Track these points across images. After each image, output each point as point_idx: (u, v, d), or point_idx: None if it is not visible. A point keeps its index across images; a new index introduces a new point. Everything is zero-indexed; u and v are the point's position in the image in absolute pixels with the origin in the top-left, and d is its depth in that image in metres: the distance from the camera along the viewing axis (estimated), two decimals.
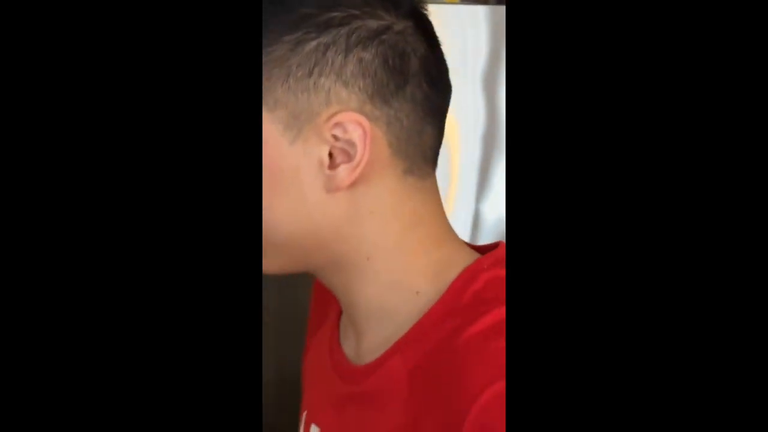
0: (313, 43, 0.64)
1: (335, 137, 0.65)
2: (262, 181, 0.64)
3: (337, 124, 0.65)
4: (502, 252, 0.71)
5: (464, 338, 0.63)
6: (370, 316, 0.71)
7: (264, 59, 0.64)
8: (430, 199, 0.71)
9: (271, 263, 0.69)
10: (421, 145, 0.69)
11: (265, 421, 2.07)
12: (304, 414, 0.81)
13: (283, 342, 2.09)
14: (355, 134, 0.65)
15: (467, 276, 0.68)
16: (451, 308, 0.67)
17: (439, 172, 0.73)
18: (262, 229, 0.66)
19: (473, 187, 1.89)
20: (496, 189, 1.88)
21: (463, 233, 1.83)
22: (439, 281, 0.68)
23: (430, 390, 0.64)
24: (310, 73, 0.64)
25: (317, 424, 0.78)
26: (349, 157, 0.65)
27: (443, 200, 0.73)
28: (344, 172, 0.66)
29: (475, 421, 0.59)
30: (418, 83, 0.67)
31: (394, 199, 0.68)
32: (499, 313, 0.63)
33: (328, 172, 0.66)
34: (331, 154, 0.66)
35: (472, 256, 0.71)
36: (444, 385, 0.63)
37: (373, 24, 0.66)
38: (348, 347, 0.76)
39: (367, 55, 0.65)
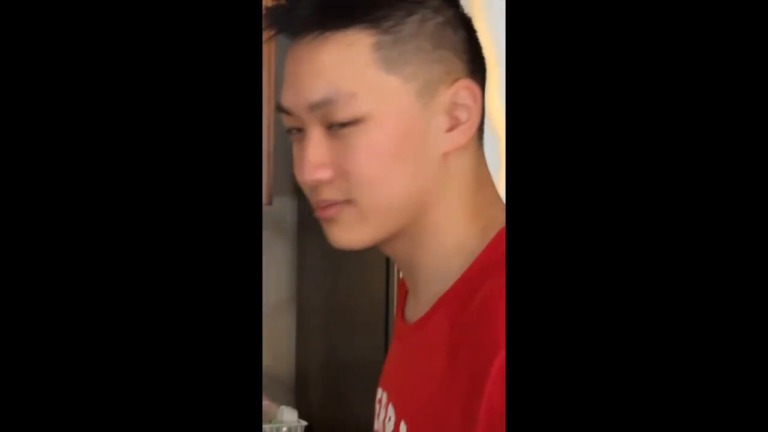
0: (433, 22, 0.74)
1: (454, 103, 0.74)
2: (386, 154, 0.71)
3: (456, 91, 0.73)
4: None
5: (490, 290, 0.68)
6: (428, 277, 0.76)
7: (391, 38, 0.72)
8: (485, 164, 0.78)
9: (366, 236, 0.74)
10: (484, 115, 0.77)
11: (307, 401, 2.07)
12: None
13: (330, 331, 2.13)
14: (469, 99, 0.74)
15: (501, 235, 0.73)
16: (486, 264, 0.72)
17: (489, 160, 0.78)
18: (368, 204, 0.72)
19: None
20: None
21: None
22: (482, 241, 0.74)
23: (466, 341, 0.69)
24: (435, 48, 0.73)
25: (384, 389, 0.83)
26: (460, 121, 0.74)
27: None
28: (459, 134, 0.74)
29: (500, 371, 0.63)
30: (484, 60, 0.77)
31: (473, 161, 0.76)
32: None
33: (447, 134, 0.74)
34: (448, 118, 0.74)
35: None
36: (475, 335, 0.67)
37: (460, 10, 0.76)
38: (409, 311, 0.81)
39: (465, 33, 0.75)
